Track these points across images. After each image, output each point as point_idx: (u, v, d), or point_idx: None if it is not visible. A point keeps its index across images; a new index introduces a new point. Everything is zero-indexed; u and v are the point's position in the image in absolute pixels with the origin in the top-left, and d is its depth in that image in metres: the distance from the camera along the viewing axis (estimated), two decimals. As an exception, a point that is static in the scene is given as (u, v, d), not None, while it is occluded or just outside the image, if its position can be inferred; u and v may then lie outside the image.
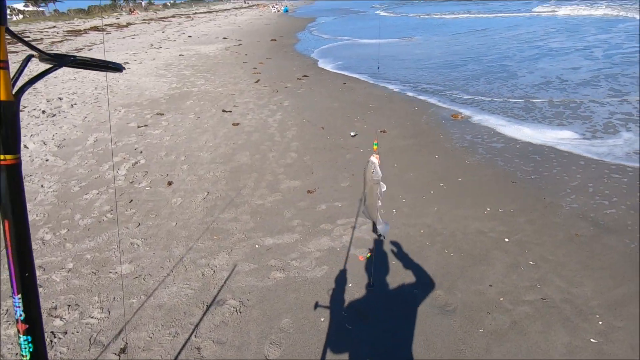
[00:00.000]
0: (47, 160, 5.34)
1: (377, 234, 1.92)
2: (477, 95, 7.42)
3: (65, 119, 7.15)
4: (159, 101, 8.25)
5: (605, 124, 5.50)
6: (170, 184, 4.57)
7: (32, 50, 0.77)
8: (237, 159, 5.18)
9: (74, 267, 3.17)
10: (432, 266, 3.01)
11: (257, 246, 3.37)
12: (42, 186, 4.62)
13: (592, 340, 2.30)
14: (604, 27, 12.38)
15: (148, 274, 3.07)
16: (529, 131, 5.42)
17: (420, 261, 3.07)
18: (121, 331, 2.53)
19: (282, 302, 2.74)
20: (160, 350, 2.38)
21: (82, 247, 3.45)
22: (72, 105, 7.99)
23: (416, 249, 3.22)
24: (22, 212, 0.68)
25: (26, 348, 0.69)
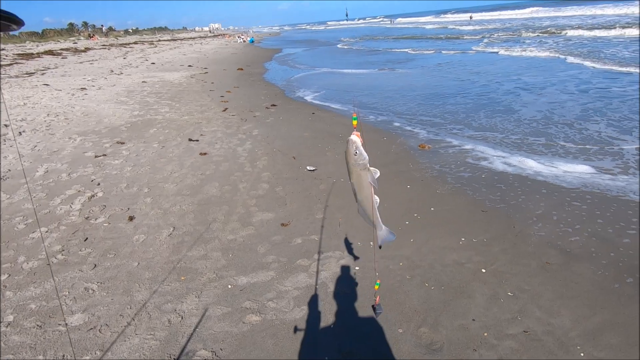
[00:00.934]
0: (-13, 194, 4.79)
1: (379, 245, 1.60)
2: (449, 124, 7.75)
3: (11, 147, 6.55)
4: (119, 129, 7.84)
5: None
6: (131, 218, 4.23)
7: None
8: (206, 191, 4.94)
9: (15, 321, 2.75)
10: (414, 301, 2.93)
11: (229, 286, 3.13)
12: (-21, 224, 4.10)
13: (577, 373, 2.29)
14: (560, 67, 13.38)
15: (105, 324, 2.72)
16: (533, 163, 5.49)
17: (402, 296, 2.99)
18: (71, 397, 2.18)
19: (260, 349, 2.51)
20: (118, 419, 2.05)
21: (25, 295, 3.03)
22: (19, 133, 7.38)
23: (397, 284, 3.14)
24: None
25: None
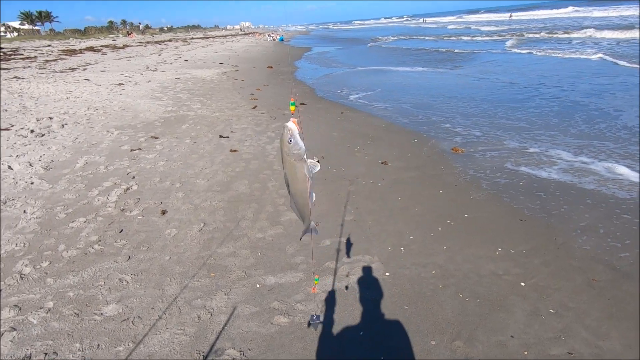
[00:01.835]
0: (32, 183, 5.04)
1: (301, 237, 1.55)
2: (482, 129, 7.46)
3: (55, 139, 6.89)
4: (153, 124, 8.08)
5: None
6: (164, 212, 4.32)
7: None
8: (235, 188, 4.98)
9: (54, 307, 2.86)
10: (448, 312, 2.81)
11: (258, 285, 3.12)
12: (24, 212, 4.31)
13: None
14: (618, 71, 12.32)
15: (137, 316, 2.78)
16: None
17: (435, 306, 2.87)
18: (105, 387, 2.22)
19: (288, 353, 2.48)
20: (149, 412, 2.08)
21: (64, 282, 3.14)
22: (62, 126, 7.75)
23: (429, 292, 3.02)
24: None
25: None
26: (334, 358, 2.46)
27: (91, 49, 29.64)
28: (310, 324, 1.68)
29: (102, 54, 25.64)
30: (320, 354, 2.47)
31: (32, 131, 7.26)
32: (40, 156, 6.02)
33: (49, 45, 34.66)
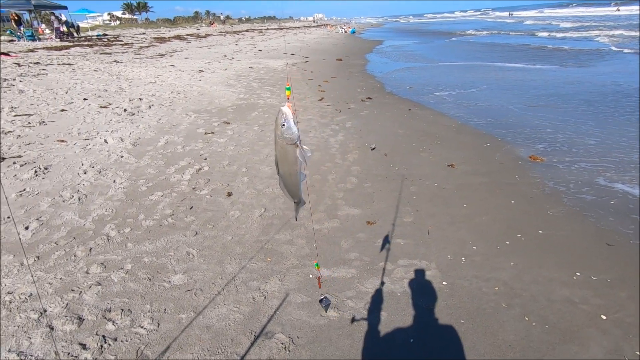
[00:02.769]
0: (121, 157, 5.67)
1: (295, 217, 1.62)
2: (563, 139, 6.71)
3: (143, 119, 7.65)
4: (226, 110, 8.57)
5: None
6: (229, 194, 4.59)
7: None
8: (297, 177, 5.09)
9: (132, 269, 3.21)
10: (510, 335, 2.59)
11: (311, 276, 3.18)
12: (114, 181, 4.88)
13: None
14: None
15: (199, 288, 3.00)
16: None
17: (495, 326, 2.66)
18: (167, 349, 2.44)
19: (335, 347, 2.49)
20: (203, 379, 2.24)
21: (141, 249, 3.50)
22: (149, 107, 8.58)
23: (490, 310, 2.81)
24: None
25: None
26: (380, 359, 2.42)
27: (178, 37, 32.28)
28: (321, 302, 1.74)
29: (187, 42, 27.79)
30: (367, 354, 2.45)
31: (125, 110, 8.16)
32: (130, 133, 6.75)
33: (143, 33, 38.49)
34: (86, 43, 23.94)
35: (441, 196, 4.61)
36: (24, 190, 4.56)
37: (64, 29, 28.16)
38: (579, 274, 3.20)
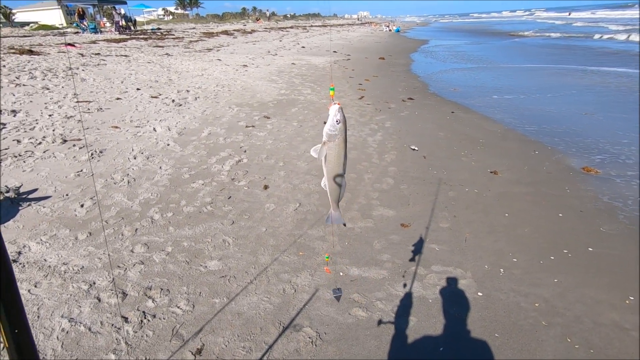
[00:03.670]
0: (168, 145, 5.98)
1: (328, 222, 1.55)
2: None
3: (189, 110, 8.01)
4: (267, 105, 8.76)
5: None
6: (266, 187, 4.69)
7: None
8: (332, 175, 5.10)
9: (172, 252, 3.38)
10: (549, 355, 2.45)
11: (341, 274, 3.18)
12: (160, 168, 5.15)
13: None
14: None
15: (233, 276, 3.10)
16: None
17: (533, 344, 2.53)
18: (200, 330, 2.56)
19: (361, 347, 2.48)
20: (232, 363, 2.32)
21: (182, 233, 3.68)
22: (195, 98, 8.96)
23: (527, 326, 2.67)
24: None
25: None
26: (407, 366, 2.38)
27: (225, 32, 33.35)
28: (334, 291, 1.73)
29: (234, 37, 28.65)
30: (394, 357, 2.41)
31: (173, 101, 8.58)
32: (177, 122, 7.09)
33: (193, 28, 40.17)
34: (142, 36, 25.39)
35: (481, 203, 4.43)
36: (81, 170, 4.95)
37: (123, 22, 30.05)
38: (632, 297, 2.95)
